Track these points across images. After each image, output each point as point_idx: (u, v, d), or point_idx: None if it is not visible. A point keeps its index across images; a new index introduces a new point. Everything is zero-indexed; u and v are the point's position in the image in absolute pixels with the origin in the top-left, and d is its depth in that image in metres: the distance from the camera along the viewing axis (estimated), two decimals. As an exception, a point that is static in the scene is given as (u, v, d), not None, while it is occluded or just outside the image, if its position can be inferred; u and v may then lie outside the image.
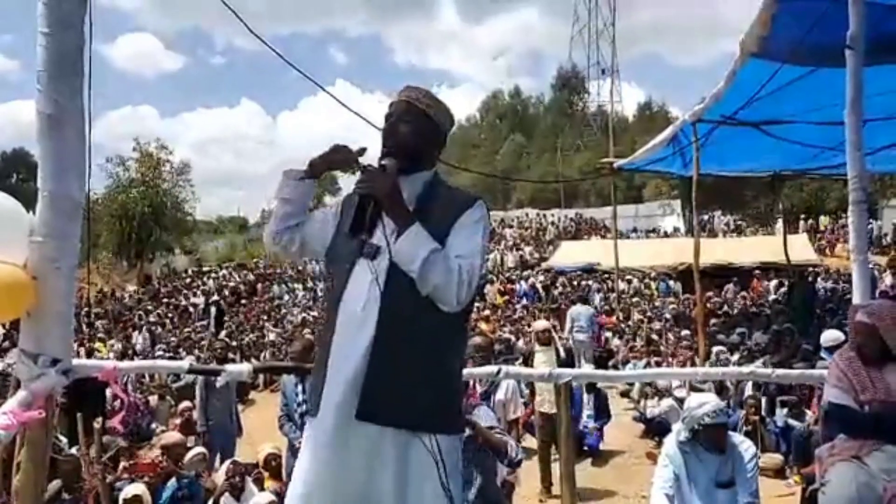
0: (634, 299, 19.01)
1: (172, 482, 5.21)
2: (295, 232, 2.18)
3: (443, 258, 1.89)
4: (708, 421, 3.44)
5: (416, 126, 2.05)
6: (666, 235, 30.09)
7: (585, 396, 8.01)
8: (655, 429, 8.05)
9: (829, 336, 6.76)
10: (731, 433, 3.67)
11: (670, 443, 3.62)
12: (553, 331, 7.67)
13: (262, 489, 5.28)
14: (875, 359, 2.99)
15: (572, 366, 7.37)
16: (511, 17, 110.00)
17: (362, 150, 2.09)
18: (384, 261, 1.94)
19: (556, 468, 5.58)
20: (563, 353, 7.03)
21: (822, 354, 6.65)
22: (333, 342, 1.96)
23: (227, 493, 5.10)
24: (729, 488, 3.46)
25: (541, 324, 7.94)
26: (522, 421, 7.30)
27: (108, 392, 7.23)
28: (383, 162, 2.00)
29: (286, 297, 23.53)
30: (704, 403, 3.50)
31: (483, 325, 15.37)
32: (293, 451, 5.53)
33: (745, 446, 3.58)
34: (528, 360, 7.34)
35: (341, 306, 1.97)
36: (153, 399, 9.92)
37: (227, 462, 5.55)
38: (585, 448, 7.60)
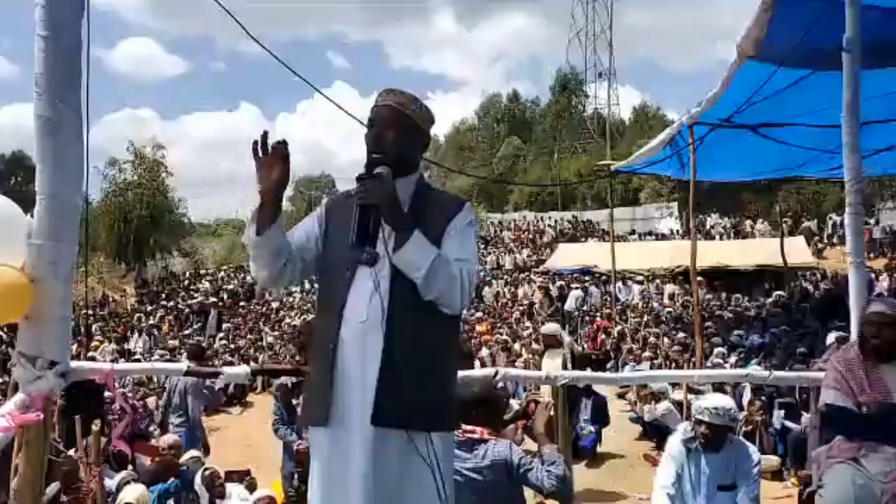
0: (634, 301, 19.00)
1: (171, 481, 5.20)
2: (288, 264, 2.07)
3: (445, 264, 1.91)
4: (706, 417, 3.44)
5: (402, 131, 2.04)
6: (663, 237, 29.99)
7: (584, 401, 7.98)
8: (653, 431, 8.05)
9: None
10: (734, 436, 3.67)
11: (675, 440, 3.63)
12: (561, 336, 7.38)
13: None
14: (886, 353, 2.96)
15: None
16: (508, 22, 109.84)
17: (282, 143, 1.97)
18: (385, 267, 1.95)
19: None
20: (569, 362, 6.84)
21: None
22: (339, 350, 1.95)
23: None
24: (731, 491, 3.47)
25: (549, 327, 7.65)
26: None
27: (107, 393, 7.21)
28: (379, 170, 1.96)
29: (284, 300, 23.46)
30: (712, 398, 3.52)
31: (480, 328, 15.39)
32: (289, 454, 5.54)
33: (749, 451, 3.58)
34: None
35: (345, 314, 1.96)
36: (151, 401, 9.89)
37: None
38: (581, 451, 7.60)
